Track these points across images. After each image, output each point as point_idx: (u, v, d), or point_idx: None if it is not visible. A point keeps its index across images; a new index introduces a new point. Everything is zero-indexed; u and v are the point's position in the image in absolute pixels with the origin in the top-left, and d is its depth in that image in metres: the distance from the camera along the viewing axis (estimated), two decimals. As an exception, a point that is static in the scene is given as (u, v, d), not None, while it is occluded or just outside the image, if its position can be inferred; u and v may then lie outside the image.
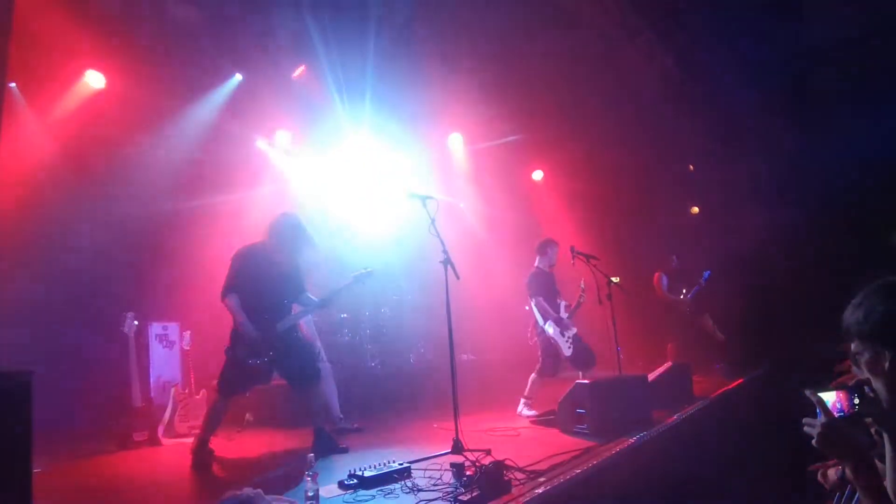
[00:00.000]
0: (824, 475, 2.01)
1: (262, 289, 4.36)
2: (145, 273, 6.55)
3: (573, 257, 5.96)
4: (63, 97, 6.23)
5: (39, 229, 5.75)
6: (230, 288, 4.29)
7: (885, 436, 1.65)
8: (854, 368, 1.76)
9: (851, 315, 1.66)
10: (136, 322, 5.35)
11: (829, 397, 1.75)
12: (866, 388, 1.77)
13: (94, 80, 6.24)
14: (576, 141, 9.78)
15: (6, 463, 2.03)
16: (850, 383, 1.77)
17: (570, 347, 5.76)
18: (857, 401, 1.76)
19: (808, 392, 1.72)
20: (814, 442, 1.64)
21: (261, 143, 8.08)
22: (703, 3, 7.43)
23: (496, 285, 9.68)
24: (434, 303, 8.62)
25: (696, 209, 11.40)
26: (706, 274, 8.29)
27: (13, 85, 5.87)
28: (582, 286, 5.98)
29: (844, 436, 1.61)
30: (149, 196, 6.56)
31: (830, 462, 1.93)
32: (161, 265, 6.70)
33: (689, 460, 4.61)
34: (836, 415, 1.70)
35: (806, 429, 1.66)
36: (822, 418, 1.65)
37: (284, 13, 6.43)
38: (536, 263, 6.11)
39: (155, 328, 6.12)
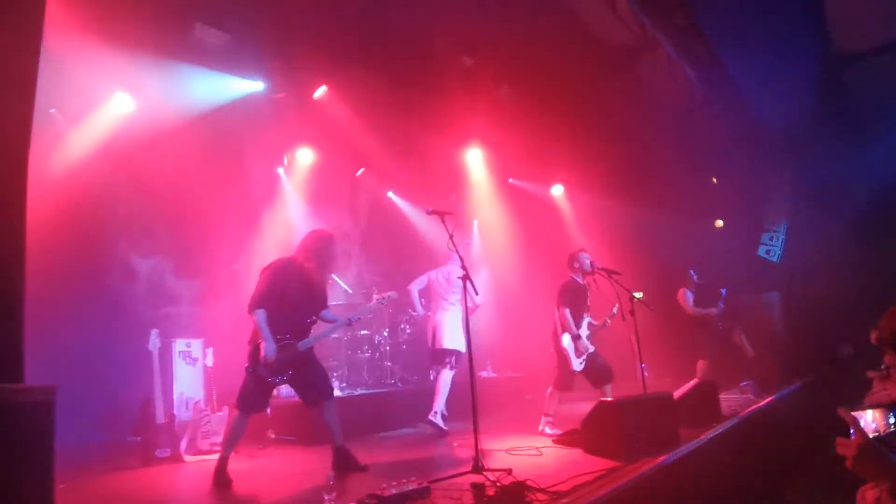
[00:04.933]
0: (863, 496, 1.93)
1: (289, 307, 4.36)
2: (170, 289, 6.63)
3: (593, 272, 5.89)
4: (91, 121, 6.36)
5: (65, 247, 5.82)
6: (259, 302, 4.28)
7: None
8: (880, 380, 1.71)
9: (887, 327, 1.63)
10: (160, 339, 5.41)
11: (865, 416, 1.68)
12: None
13: (122, 102, 6.32)
14: (596, 155, 9.71)
15: (28, 479, 2.03)
16: (887, 401, 1.71)
17: (581, 364, 5.72)
18: (893, 420, 1.69)
19: (842, 411, 1.66)
20: (848, 463, 1.57)
21: (284, 162, 8.20)
22: (722, 14, 7.35)
23: (516, 301, 9.61)
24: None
25: (720, 222, 11.19)
26: (723, 292, 8.12)
27: (53, 111, 6.03)
28: (614, 310, 5.91)
29: (880, 457, 1.54)
30: (174, 213, 6.66)
31: (870, 483, 1.85)
32: (185, 282, 6.79)
33: (717, 480, 4.47)
34: (872, 435, 1.64)
35: (840, 449, 1.60)
36: (856, 438, 1.58)
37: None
38: (571, 274, 6.05)
39: (178, 344, 6.17)
